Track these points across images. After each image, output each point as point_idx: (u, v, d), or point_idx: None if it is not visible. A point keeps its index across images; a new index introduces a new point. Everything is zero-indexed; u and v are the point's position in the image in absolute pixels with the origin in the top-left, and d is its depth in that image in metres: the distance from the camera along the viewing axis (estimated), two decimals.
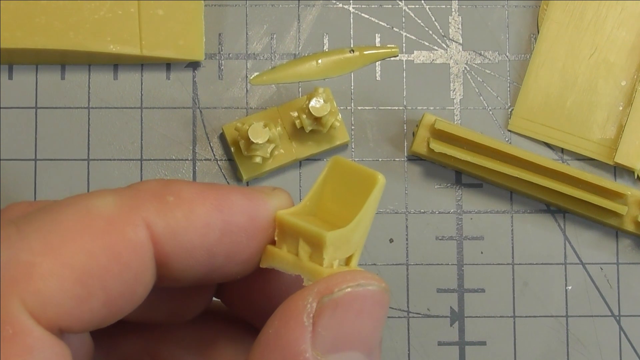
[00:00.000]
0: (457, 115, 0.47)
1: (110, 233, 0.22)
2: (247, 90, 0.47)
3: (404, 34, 0.48)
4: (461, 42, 0.48)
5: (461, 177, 0.47)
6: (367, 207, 0.24)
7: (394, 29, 0.48)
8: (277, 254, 0.24)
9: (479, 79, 0.48)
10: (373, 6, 0.48)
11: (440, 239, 0.47)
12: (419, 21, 0.48)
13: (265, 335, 0.22)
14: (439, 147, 0.45)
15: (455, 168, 0.46)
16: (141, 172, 0.46)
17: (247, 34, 0.47)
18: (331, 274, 0.23)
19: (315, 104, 0.44)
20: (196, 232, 0.23)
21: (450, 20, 0.48)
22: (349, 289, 0.22)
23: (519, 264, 0.47)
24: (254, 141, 0.43)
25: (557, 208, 0.46)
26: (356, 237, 0.24)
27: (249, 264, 0.24)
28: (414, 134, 0.46)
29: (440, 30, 0.48)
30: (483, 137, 0.45)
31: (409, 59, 0.48)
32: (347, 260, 0.25)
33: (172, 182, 0.23)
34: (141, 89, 0.47)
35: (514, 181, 0.45)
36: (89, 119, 0.47)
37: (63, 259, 0.21)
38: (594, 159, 0.47)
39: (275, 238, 0.24)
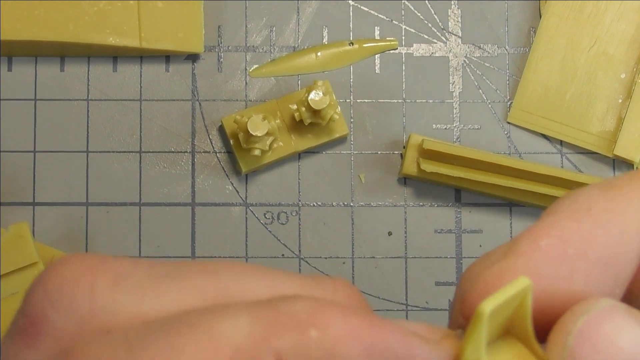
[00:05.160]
0: (456, 108, 0.47)
1: None
2: (246, 83, 0.47)
3: (404, 26, 0.48)
4: (460, 35, 0.48)
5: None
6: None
7: (394, 21, 0.48)
8: None
9: (478, 72, 0.48)
10: None
11: (438, 232, 0.47)
12: (419, 14, 0.48)
13: None
14: (429, 167, 0.45)
15: (450, 185, 0.46)
16: (140, 164, 0.46)
17: (246, 26, 0.47)
18: None
19: (315, 96, 0.44)
20: None
21: (449, 14, 0.48)
22: None
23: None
24: (253, 134, 0.43)
25: None
26: None
27: None
28: (402, 156, 0.46)
29: (440, 23, 0.48)
30: (474, 152, 0.45)
31: (409, 51, 0.48)
32: None
33: (323, 308, 0.19)
34: (140, 81, 0.47)
35: (509, 191, 0.45)
36: (88, 111, 0.47)
37: None
38: (593, 152, 0.47)
39: None
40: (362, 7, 0.48)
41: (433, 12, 0.48)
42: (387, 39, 0.48)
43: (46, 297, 0.20)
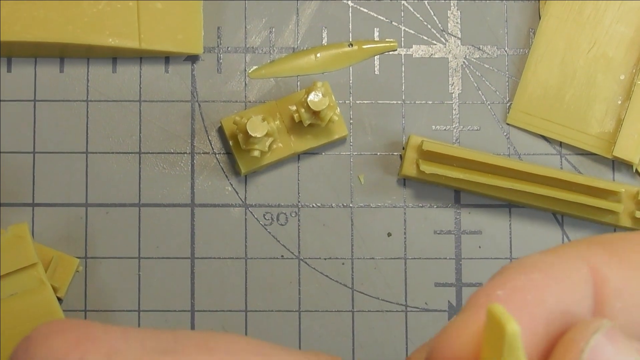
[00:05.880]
0: (455, 109, 0.47)
1: None
2: (245, 84, 0.47)
3: (403, 28, 0.48)
4: (460, 36, 0.48)
5: None
6: None
7: (393, 23, 0.48)
8: None
9: (477, 73, 0.48)
10: (372, 0, 0.48)
11: (438, 233, 0.47)
12: (418, 15, 0.48)
13: None
14: (429, 168, 0.45)
15: (449, 186, 0.46)
16: (140, 165, 0.46)
17: (245, 27, 0.48)
18: None
19: (314, 97, 0.44)
20: None
21: (449, 15, 0.48)
22: None
23: (517, 258, 0.47)
24: (253, 135, 0.43)
25: (555, 213, 0.46)
26: None
27: None
28: (401, 157, 0.46)
29: (439, 25, 0.48)
30: (473, 153, 0.45)
31: (408, 53, 0.48)
32: None
33: None
34: (140, 82, 0.47)
35: (508, 192, 0.45)
36: (87, 112, 0.47)
37: None
38: (592, 153, 0.47)
39: None
40: (361, 9, 0.48)
41: (432, 14, 0.48)
42: (387, 40, 0.48)
43: None
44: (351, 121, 0.47)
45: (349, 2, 0.48)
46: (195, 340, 0.20)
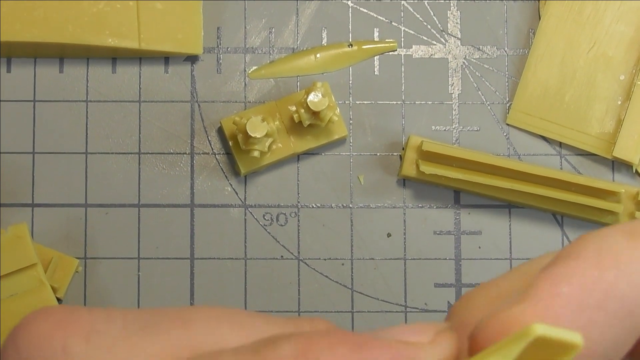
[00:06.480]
0: (455, 110, 0.47)
1: None
2: (245, 84, 0.47)
3: (403, 28, 0.48)
4: (460, 36, 0.48)
5: None
6: None
7: (393, 23, 0.48)
8: None
9: (477, 73, 0.48)
10: (372, 0, 0.48)
11: (438, 234, 0.47)
12: (418, 16, 0.48)
13: None
14: (429, 168, 0.45)
15: (449, 187, 0.46)
16: (139, 165, 0.46)
17: (245, 27, 0.47)
18: None
19: (314, 98, 0.44)
20: None
21: (448, 15, 0.48)
22: None
23: (517, 258, 0.47)
24: (252, 135, 0.43)
25: (554, 213, 0.46)
26: None
27: None
28: (401, 157, 0.46)
29: (439, 25, 0.48)
30: (473, 153, 0.45)
31: (408, 53, 0.48)
32: None
33: (310, 345, 0.19)
34: (139, 83, 0.47)
35: (508, 193, 0.45)
36: (87, 112, 0.47)
37: None
38: (592, 153, 0.47)
39: None
40: (361, 9, 0.48)
41: (432, 14, 0.48)
42: (386, 40, 0.48)
43: (18, 357, 0.20)
44: (351, 121, 0.47)
45: (349, 3, 0.48)
46: (172, 314, 0.21)
